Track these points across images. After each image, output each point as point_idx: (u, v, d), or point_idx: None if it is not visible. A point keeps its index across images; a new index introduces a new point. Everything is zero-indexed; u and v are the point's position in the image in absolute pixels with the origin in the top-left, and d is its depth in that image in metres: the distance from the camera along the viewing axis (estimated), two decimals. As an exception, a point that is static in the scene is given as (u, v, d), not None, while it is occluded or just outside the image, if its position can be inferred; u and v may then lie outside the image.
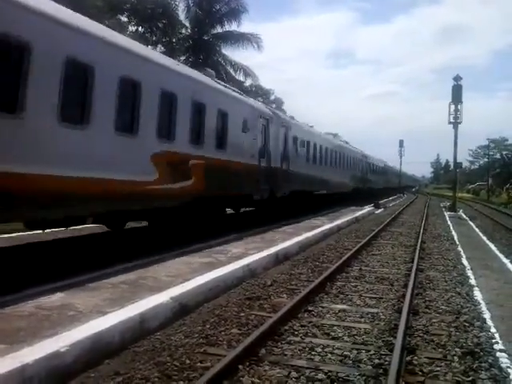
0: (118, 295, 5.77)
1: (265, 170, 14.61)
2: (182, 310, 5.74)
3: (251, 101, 14.77)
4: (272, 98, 46.87)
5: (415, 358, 4.68)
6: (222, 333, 5.20)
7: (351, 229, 16.65)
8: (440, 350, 4.94)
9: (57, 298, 5.55)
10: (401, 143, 67.93)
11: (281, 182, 16.06)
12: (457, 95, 28.12)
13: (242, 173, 12.90)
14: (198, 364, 4.33)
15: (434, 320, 5.95)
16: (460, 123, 28.03)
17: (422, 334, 5.40)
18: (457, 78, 28.22)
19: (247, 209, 16.50)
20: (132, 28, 29.47)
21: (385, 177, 53.36)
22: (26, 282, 5.94)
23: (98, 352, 4.28)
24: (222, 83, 13.41)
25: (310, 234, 12.75)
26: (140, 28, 29.82)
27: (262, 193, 14.42)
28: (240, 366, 4.27)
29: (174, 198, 9.77)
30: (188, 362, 4.37)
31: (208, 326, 5.38)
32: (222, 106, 11.81)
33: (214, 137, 11.38)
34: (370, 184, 39.96)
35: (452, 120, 28.13)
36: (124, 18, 29.61)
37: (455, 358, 4.72)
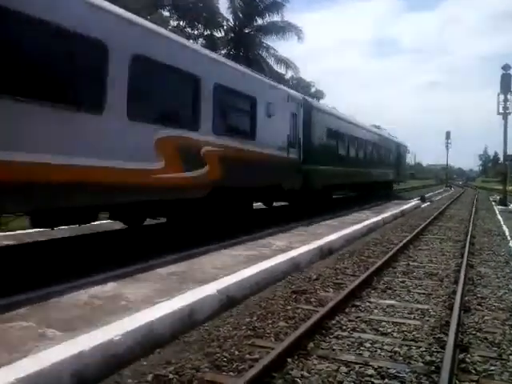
0: (166, 286, 5.89)
1: None
2: (229, 302, 5.80)
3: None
4: (313, 90, 46.21)
5: (468, 356, 4.53)
6: (270, 325, 5.21)
7: (397, 223, 16.33)
8: (494, 348, 4.77)
9: (109, 288, 5.72)
10: (447, 135, 65.86)
11: None
12: (506, 84, 27.07)
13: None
14: (247, 356, 4.36)
15: (486, 317, 5.76)
16: (510, 114, 27.01)
17: (474, 332, 5.23)
18: (506, 67, 27.21)
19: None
20: (173, 23, 29.88)
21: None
22: (80, 271, 6.17)
23: (149, 341, 4.38)
24: None
25: (354, 228, 12.59)
26: (181, 22, 30.19)
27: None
28: (289, 359, 4.27)
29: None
30: (237, 353, 4.41)
31: (255, 319, 5.40)
32: None
33: None
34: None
35: (501, 110, 27.14)
36: (165, 13, 30.03)
37: (511, 357, 4.55)
